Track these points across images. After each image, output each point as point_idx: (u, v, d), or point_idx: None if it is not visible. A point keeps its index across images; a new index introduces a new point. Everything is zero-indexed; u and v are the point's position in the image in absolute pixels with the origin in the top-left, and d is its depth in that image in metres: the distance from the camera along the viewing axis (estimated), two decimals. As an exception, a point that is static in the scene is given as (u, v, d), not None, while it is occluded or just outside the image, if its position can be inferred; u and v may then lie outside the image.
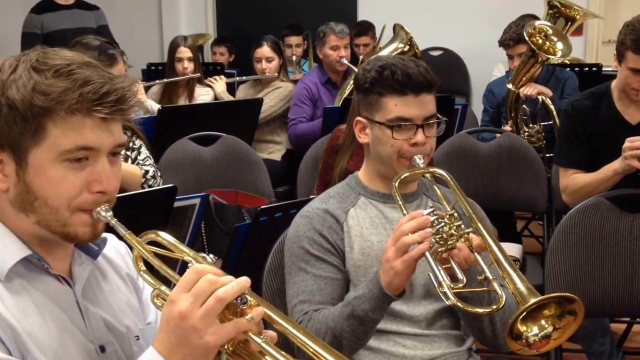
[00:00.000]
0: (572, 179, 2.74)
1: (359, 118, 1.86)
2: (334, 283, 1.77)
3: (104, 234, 1.25)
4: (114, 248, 1.36)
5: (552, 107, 3.68)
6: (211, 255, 2.81)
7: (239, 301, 1.05)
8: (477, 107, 4.80)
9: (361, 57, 4.89)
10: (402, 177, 1.74)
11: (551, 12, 4.05)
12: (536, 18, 4.25)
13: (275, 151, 4.37)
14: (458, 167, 3.23)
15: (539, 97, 3.75)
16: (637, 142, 2.47)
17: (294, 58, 5.46)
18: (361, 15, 5.84)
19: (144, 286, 1.36)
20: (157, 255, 1.18)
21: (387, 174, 1.81)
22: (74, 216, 1.15)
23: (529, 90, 3.76)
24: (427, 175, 1.79)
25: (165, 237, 1.19)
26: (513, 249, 2.93)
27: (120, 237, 1.20)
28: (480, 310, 1.52)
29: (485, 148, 3.27)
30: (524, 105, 3.84)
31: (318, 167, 3.03)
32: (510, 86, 3.86)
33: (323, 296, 1.75)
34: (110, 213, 1.17)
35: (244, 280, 1.06)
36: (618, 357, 2.71)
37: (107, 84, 1.12)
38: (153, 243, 1.19)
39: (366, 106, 1.82)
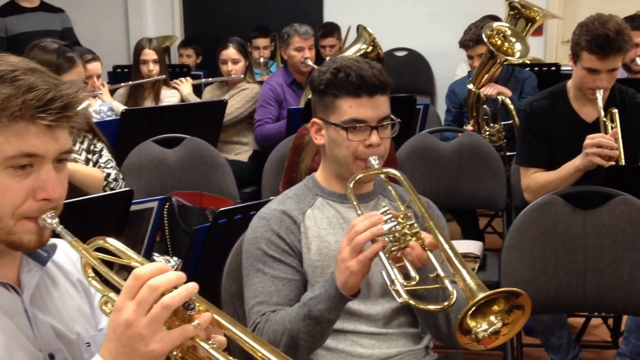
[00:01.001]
0: (534, 178, 2.79)
1: (314, 119, 1.87)
2: (291, 284, 1.78)
3: (54, 240, 1.25)
4: (65, 254, 1.35)
5: (511, 106, 3.75)
6: (175, 258, 2.84)
7: (186, 307, 1.05)
8: (442, 106, 4.86)
9: (327, 58, 4.92)
10: (357, 178, 1.76)
11: (512, 13, 4.11)
12: (497, 19, 4.32)
13: (242, 152, 4.38)
14: (420, 166, 3.27)
15: (499, 97, 3.82)
16: (598, 139, 2.53)
17: (262, 60, 5.47)
18: (327, 17, 5.87)
19: (96, 292, 1.34)
20: (106, 261, 1.18)
21: (344, 174, 1.83)
22: (19, 224, 1.14)
23: (489, 90, 3.82)
24: (382, 175, 1.81)
25: (113, 243, 1.18)
26: (474, 246, 2.97)
27: None
28: (431, 307, 1.54)
29: (447, 147, 3.32)
30: (485, 105, 3.90)
31: (283, 167, 3.04)
32: (471, 86, 3.92)
33: (281, 297, 1.76)
34: (57, 220, 1.16)
35: (192, 286, 1.05)
36: (575, 350, 2.78)
37: (52, 90, 1.11)
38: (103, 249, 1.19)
39: (321, 108, 1.84)
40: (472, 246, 2.91)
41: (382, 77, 1.79)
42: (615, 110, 2.68)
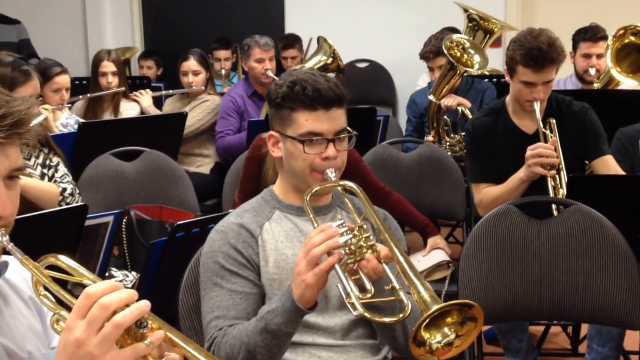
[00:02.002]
0: (485, 193, 2.85)
1: (271, 132, 1.88)
2: (249, 298, 1.78)
3: (5, 257, 1.23)
4: (17, 271, 1.33)
5: (471, 117, 3.79)
6: (133, 273, 2.81)
7: (138, 325, 1.04)
8: (404, 117, 4.89)
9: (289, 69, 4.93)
10: (313, 190, 1.77)
11: (470, 25, 4.18)
12: (457, 31, 4.37)
13: (204, 164, 4.36)
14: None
15: (459, 108, 3.86)
16: (538, 149, 2.59)
17: (223, 71, 5.46)
18: (289, 28, 5.88)
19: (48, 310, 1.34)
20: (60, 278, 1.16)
21: (301, 187, 1.83)
22: None
23: (449, 101, 3.86)
24: (339, 188, 1.82)
25: (64, 260, 1.17)
26: (442, 253, 2.99)
27: None
28: (387, 319, 1.55)
29: (407, 158, 3.35)
30: (445, 116, 3.94)
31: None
32: (431, 97, 3.96)
33: (238, 311, 1.75)
34: (7, 237, 1.14)
35: (144, 304, 1.04)
36: (534, 354, 2.83)
37: (3, 107, 1.10)
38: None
39: (278, 121, 1.85)
40: (440, 254, 2.94)
41: (338, 90, 1.80)
42: (553, 121, 2.75)
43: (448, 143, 3.96)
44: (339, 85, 1.82)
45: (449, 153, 3.89)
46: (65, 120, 3.79)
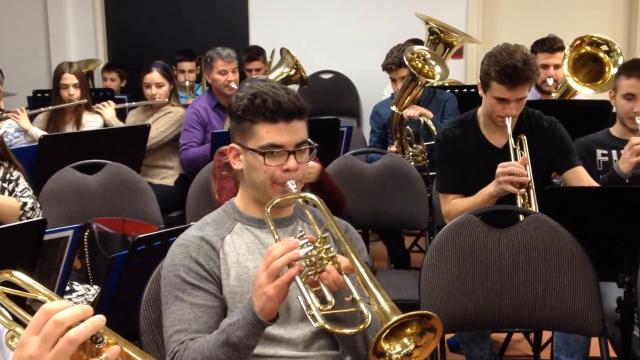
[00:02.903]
0: (453, 205, 2.85)
1: (232, 145, 1.88)
2: (210, 311, 1.77)
3: (-40, 273, 1.21)
4: None
5: (433, 127, 3.83)
6: (95, 287, 2.78)
7: (94, 340, 1.04)
8: (368, 128, 4.92)
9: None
10: (274, 202, 1.77)
11: (431, 38, 4.23)
12: (421, 43, 4.43)
13: (168, 176, 4.33)
14: (345, 188, 3.29)
15: (421, 118, 3.90)
16: (509, 168, 2.60)
17: (187, 83, 5.45)
18: (253, 40, 5.89)
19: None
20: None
21: (262, 199, 1.84)
22: None
23: (411, 112, 3.90)
24: (300, 199, 1.83)
25: (19, 276, 1.16)
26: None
27: None
28: (347, 330, 1.55)
29: (370, 169, 3.37)
30: (408, 127, 3.98)
31: (208, 191, 3.02)
32: (394, 108, 3.99)
33: (200, 325, 1.75)
34: None
35: (98, 319, 1.04)
36: (495, 362, 2.85)
37: None
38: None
39: (239, 133, 1.85)
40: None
41: (299, 103, 1.81)
42: (524, 137, 2.76)
43: (411, 153, 4.00)
44: (300, 98, 1.83)
45: (412, 163, 3.93)
46: (5, 129, 3.74)
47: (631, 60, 3.32)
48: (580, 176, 2.80)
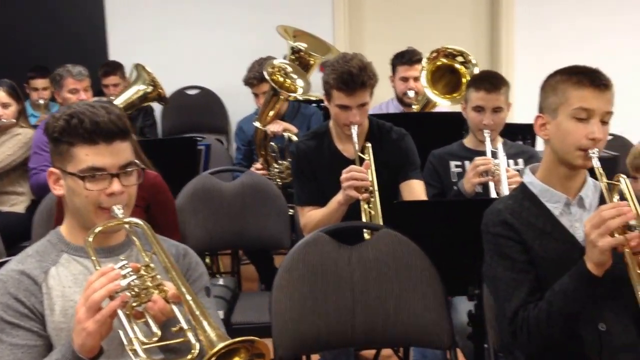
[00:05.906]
0: (309, 217, 2.83)
1: (51, 169, 1.76)
2: (32, 351, 1.64)
3: None
4: None
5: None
6: None
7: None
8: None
9: (112, 97, 4.71)
10: (96, 230, 1.67)
11: (292, 57, 4.19)
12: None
13: (18, 203, 4.07)
14: (203, 209, 3.19)
15: (285, 134, 3.85)
16: (351, 173, 2.61)
17: (41, 102, 5.16)
18: (112, 55, 5.64)
19: None
20: None
21: (88, 226, 1.71)
22: None
23: (275, 127, 3.85)
24: (126, 225, 1.71)
25: None
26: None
27: None
28: (174, 362, 1.49)
29: (229, 188, 3.27)
30: (272, 143, 3.92)
31: (54, 218, 2.83)
32: (257, 124, 3.92)
33: (20, 366, 1.61)
34: None
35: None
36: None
37: None
38: None
39: (58, 157, 1.73)
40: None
41: (120, 123, 1.70)
42: (369, 145, 2.77)
43: (277, 170, 3.94)
44: (122, 117, 1.73)
45: (278, 180, 3.88)
46: None
47: (480, 72, 3.40)
48: (410, 188, 2.85)
